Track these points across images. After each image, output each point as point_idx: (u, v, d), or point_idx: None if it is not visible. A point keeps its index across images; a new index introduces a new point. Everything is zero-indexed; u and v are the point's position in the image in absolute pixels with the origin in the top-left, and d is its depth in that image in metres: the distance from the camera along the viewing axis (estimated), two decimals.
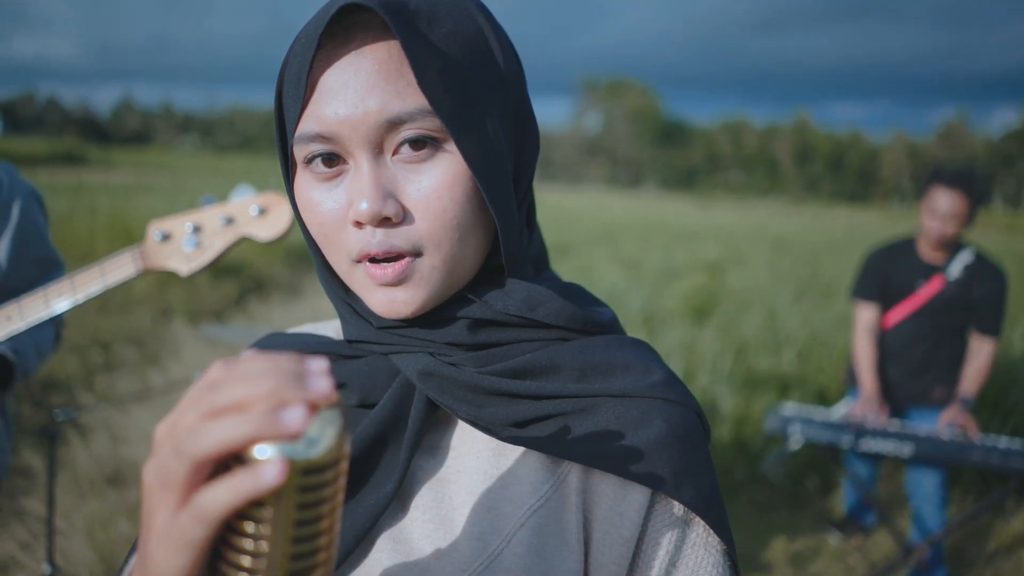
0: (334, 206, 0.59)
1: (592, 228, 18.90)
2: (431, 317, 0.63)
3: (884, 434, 3.09)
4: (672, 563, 0.61)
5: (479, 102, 0.59)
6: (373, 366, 0.65)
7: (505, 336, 0.64)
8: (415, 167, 0.58)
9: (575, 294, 0.69)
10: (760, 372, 5.05)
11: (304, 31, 0.59)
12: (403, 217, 0.58)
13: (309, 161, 0.59)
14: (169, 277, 7.46)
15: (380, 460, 0.63)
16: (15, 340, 1.47)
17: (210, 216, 1.25)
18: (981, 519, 3.81)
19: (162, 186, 18.72)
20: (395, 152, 0.58)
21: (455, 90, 0.57)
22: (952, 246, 3.22)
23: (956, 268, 3.22)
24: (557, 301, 0.64)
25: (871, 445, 3.09)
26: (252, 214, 1.24)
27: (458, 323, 0.63)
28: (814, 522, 3.88)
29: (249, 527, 0.38)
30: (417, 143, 0.57)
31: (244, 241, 1.27)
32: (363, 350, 0.66)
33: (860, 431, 3.11)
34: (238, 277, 8.70)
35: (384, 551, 0.61)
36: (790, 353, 5.31)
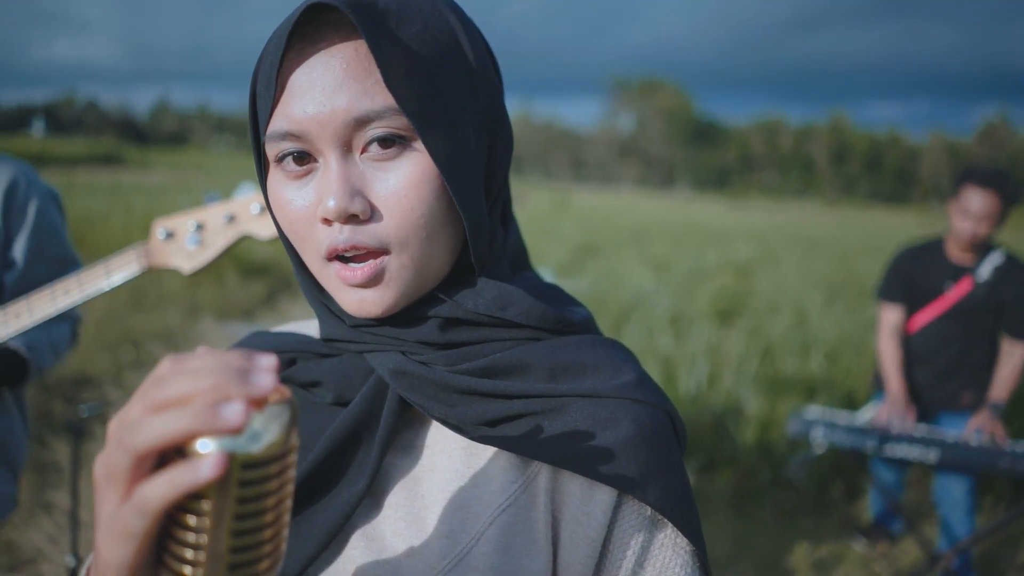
0: (304, 204, 0.59)
1: (622, 229, 18.81)
2: (403, 316, 0.63)
3: (909, 439, 3.03)
4: (639, 564, 0.60)
5: (447, 101, 0.59)
6: (348, 364, 0.66)
7: (476, 335, 0.64)
8: (383, 165, 0.58)
9: (549, 294, 0.68)
10: (787, 375, 4.98)
11: (276, 31, 0.59)
12: (371, 215, 0.58)
13: (280, 160, 0.60)
14: (200, 276, 7.57)
15: (353, 458, 0.63)
16: (29, 337, 1.50)
17: (213, 214, 1.26)
18: (1012, 527, 3.72)
19: (197, 186, 19.02)
20: (364, 150, 0.58)
21: (422, 88, 0.57)
22: (982, 247, 3.15)
23: (986, 270, 3.14)
24: (528, 301, 0.64)
25: (896, 450, 3.03)
26: (254, 212, 1.25)
27: (429, 322, 0.63)
28: (839, 528, 3.82)
29: (191, 520, 0.38)
30: (385, 142, 0.58)
31: (245, 239, 1.28)
32: (339, 349, 0.67)
33: (884, 436, 3.06)
34: (268, 276, 8.81)
35: (358, 548, 0.62)
36: (818, 356, 5.23)
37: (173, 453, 0.38)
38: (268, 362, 0.40)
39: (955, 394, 3.24)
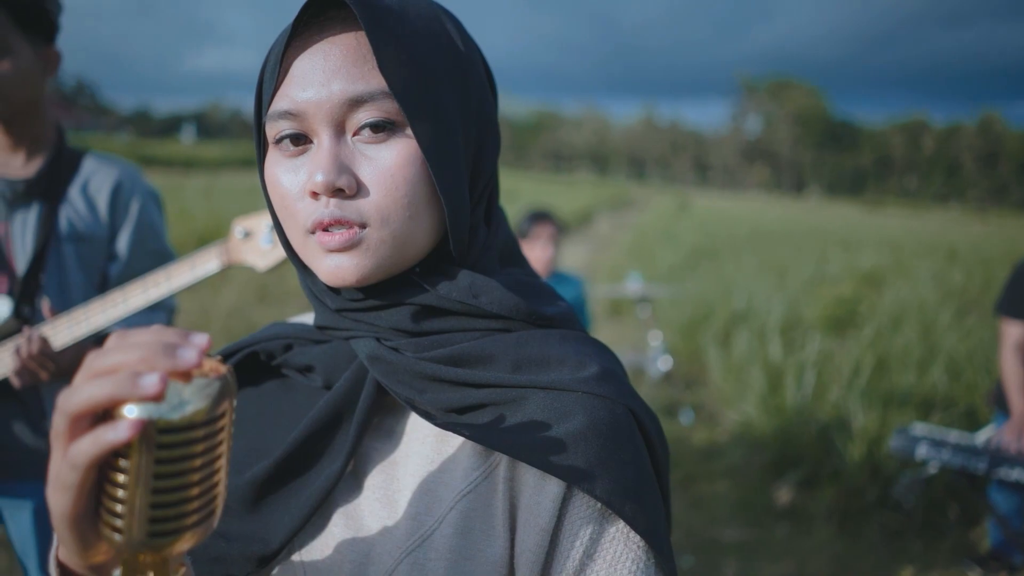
0: (296, 180, 0.63)
1: (743, 234, 18.28)
2: (381, 302, 0.67)
3: None
4: (588, 555, 0.61)
5: (437, 93, 0.63)
6: (336, 350, 0.70)
7: (447, 324, 0.67)
8: (373, 147, 0.62)
9: (528, 288, 0.71)
10: (902, 389, 4.72)
11: (287, 25, 0.65)
12: (356, 190, 0.62)
13: (279, 141, 0.64)
14: None
15: (334, 438, 0.68)
16: (130, 323, 1.65)
17: None
18: None
19: None
20: (356, 133, 0.62)
21: (412, 76, 0.61)
22: None
23: None
24: (501, 291, 0.66)
25: (1010, 474, 2.83)
26: None
27: (403, 309, 0.66)
28: (952, 554, 3.59)
29: (119, 477, 0.43)
30: (377, 127, 0.62)
31: None
32: (329, 335, 0.71)
33: (997, 458, 2.86)
34: None
35: (338, 526, 0.66)
36: (939, 370, 4.93)
37: (107, 417, 0.44)
38: (199, 340, 0.45)
39: None
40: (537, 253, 3.50)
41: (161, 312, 1.76)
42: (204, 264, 1.41)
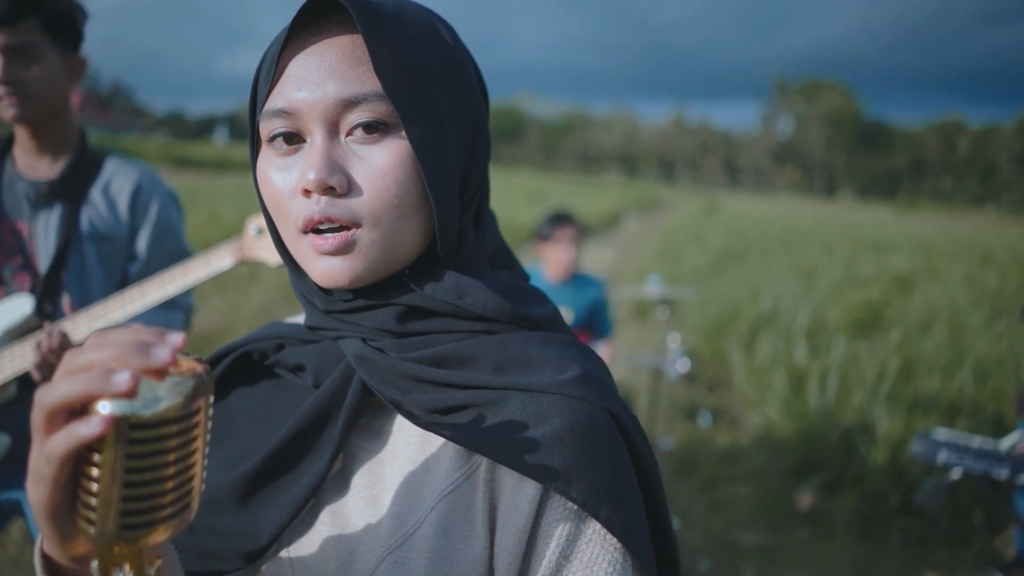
0: (288, 179, 0.64)
1: (772, 236, 18.10)
2: (369, 302, 0.68)
3: None
4: (564, 556, 0.62)
5: (431, 97, 0.64)
6: (325, 350, 0.71)
7: (432, 326, 0.68)
8: (366, 147, 0.63)
9: (514, 290, 0.71)
10: (928, 394, 4.65)
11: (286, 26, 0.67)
12: (348, 189, 0.63)
13: (272, 139, 0.65)
14: None
15: (321, 437, 0.69)
16: (147, 322, 1.69)
17: None
18: None
19: None
20: (349, 133, 0.63)
21: (407, 79, 0.63)
22: None
23: None
24: (486, 292, 0.67)
25: None
26: None
27: (389, 309, 0.67)
28: (976, 562, 3.53)
29: (93, 471, 0.45)
30: (370, 127, 0.63)
31: None
32: (318, 336, 0.73)
33: (1020, 463, 2.81)
34: None
35: (325, 523, 0.68)
36: (966, 376, 4.85)
37: (82, 412, 0.45)
38: (173, 340, 0.46)
39: None
40: (560, 255, 3.51)
41: (178, 311, 1.81)
42: (218, 260, 1.45)
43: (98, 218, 1.72)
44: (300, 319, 0.83)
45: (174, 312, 1.79)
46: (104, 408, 0.44)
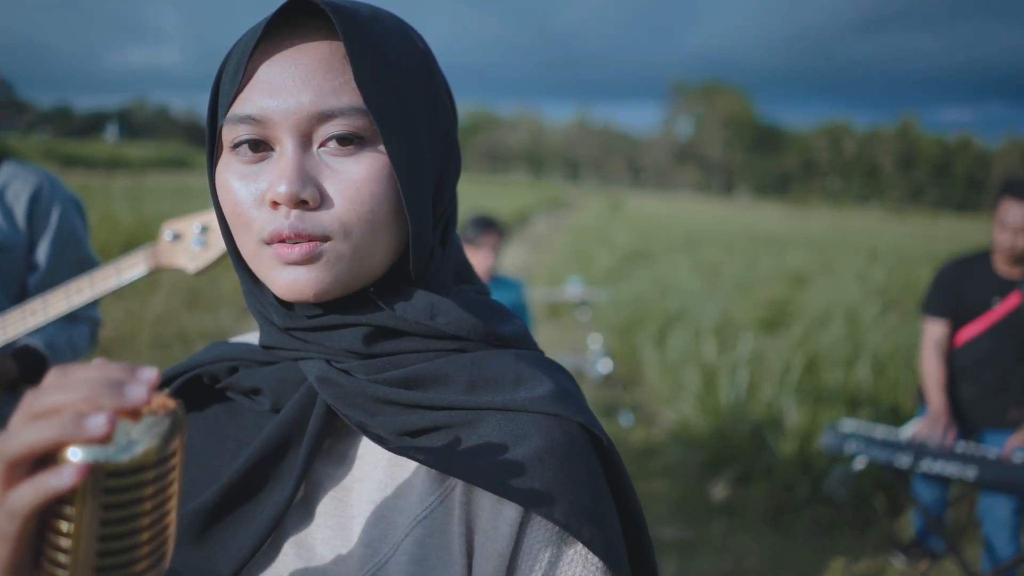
0: (253, 188, 0.61)
1: (676, 235, 18.63)
2: (334, 321, 0.64)
3: (947, 456, 2.94)
4: None
5: (409, 111, 0.62)
6: (284, 371, 0.67)
7: (401, 345, 0.65)
8: (339, 159, 0.60)
9: (483, 307, 0.69)
10: (831, 387, 4.88)
11: (254, 25, 0.62)
12: (320, 203, 0.59)
13: (236, 146, 0.61)
14: None
15: (283, 464, 0.65)
16: (49, 335, 1.58)
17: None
18: None
19: None
20: (322, 144, 0.60)
21: (388, 92, 0.60)
22: None
23: None
24: (458, 311, 0.65)
25: (933, 467, 2.95)
26: None
27: (356, 330, 0.64)
28: (879, 544, 3.73)
29: (62, 525, 0.40)
30: (345, 140, 0.60)
31: None
32: (276, 356, 0.68)
33: (921, 452, 2.98)
34: None
35: (289, 555, 0.64)
36: (865, 367, 5.11)
37: (49, 461, 0.40)
38: (147, 376, 0.42)
39: (1001, 410, 3.14)
40: (479, 260, 3.50)
41: (83, 325, 1.70)
42: (131, 268, 1.36)
43: None
44: (247, 338, 0.79)
45: (79, 326, 1.68)
46: (74, 455, 0.39)
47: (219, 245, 1.31)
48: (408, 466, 0.64)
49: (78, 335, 1.68)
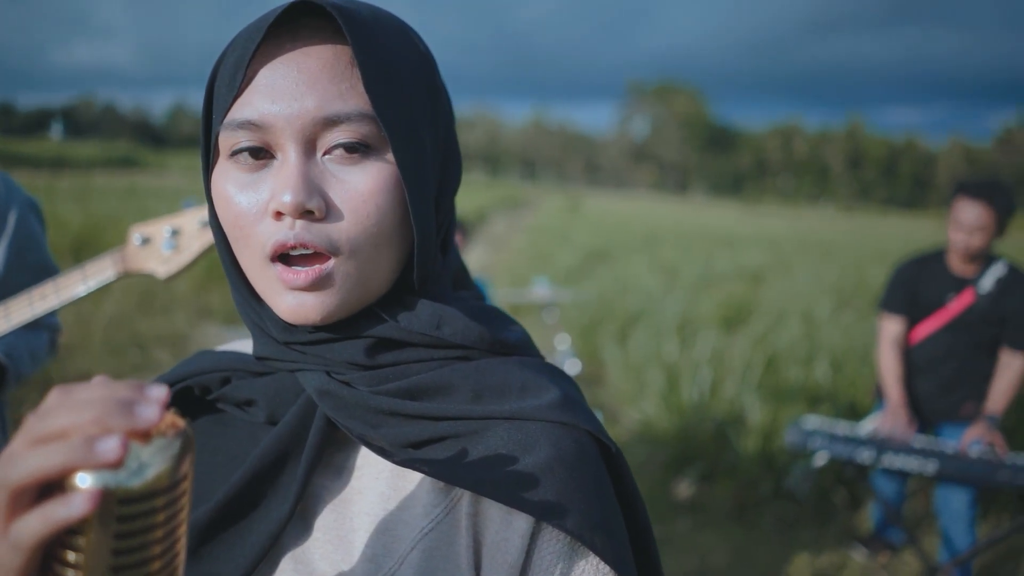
0: (254, 198, 0.58)
1: (634, 234, 18.78)
2: (336, 335, 0.62)
3: (907, 450, 3.01)
4: None
5: (416, 117, 0.60)
6: (280, 383, 0.65)
7: (404, 356, 0.63)
8: (346, 168, 0.58)
9: (486, 315, 0.68)
10: (791, 384, 4.95)
11: (250, 26, 0.59)
12: (326, 214, 0.57)
13: (234, 154, 0.59)
14: (209, 279, 7.63)
15: (281, 478, 0.63)
16: (8, 344, 1.52)
17: (189, 219, 1.28)
18: (1013, 540, 3.69)
19: None
20: (327, 152, 0.58)
21: (397, 100, 0.58)
22: (984, 259, 3.13)
23: (988, 281, 3.12)
24: (463, 320, 0.64)
25: (893, 461, 3.01)
26: None
27: (358, 342, 0.62)
28: (840, 538, 3.80)
29: (70, 556, 0.38)
30: (352, 148, 0.58)
31: None
32: (271, 367, 0.66)
33: (882, 447, 3.04)
34: None
35: (286, 571, 0.62)
36: (823, 365, 5.20)
37: (55, 487, 0.38)
38: (157, 394, 0.40)
39: (956, 405, 3.22)
40: None
41: (43, 332, 1.63)
42: (97, 274, 1.31)
43: None
44: (236, 346, 0.76)
45: (38, 333, 1.61)
46: (84, 481, 0.37)
47: (191, 249, 1.27)
48: (412, 477, 0.63)
49: (38, 343, 1.61)
